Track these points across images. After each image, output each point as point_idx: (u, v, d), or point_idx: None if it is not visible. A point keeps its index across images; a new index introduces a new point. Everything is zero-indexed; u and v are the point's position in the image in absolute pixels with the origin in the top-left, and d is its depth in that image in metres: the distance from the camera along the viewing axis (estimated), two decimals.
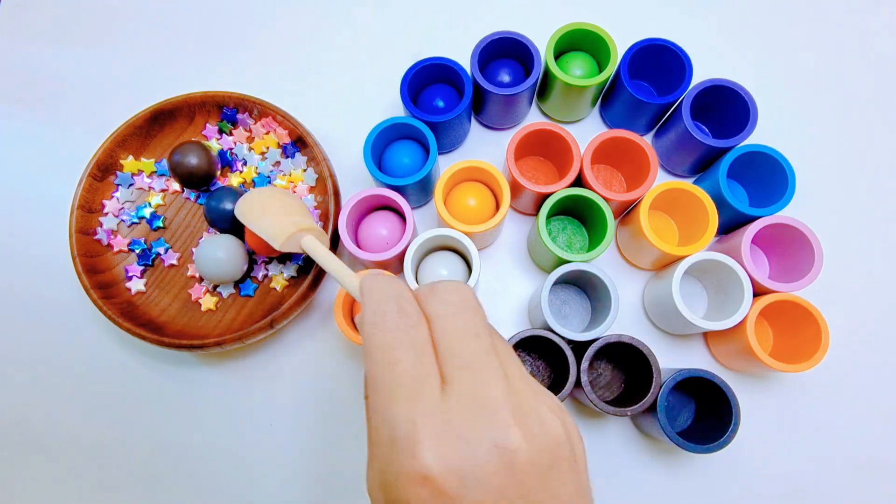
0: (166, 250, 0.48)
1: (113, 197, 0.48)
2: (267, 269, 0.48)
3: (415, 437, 0.21)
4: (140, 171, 0.49)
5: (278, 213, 0.41)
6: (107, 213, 0.48)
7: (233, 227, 0.46)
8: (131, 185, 0.49)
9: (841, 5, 0.57)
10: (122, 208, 0.49)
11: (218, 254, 0.45)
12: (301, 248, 0.39)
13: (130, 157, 0.49)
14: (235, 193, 0.46)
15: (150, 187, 0.49)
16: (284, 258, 0.48)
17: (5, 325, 0.52)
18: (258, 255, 0.48)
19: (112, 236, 0.48)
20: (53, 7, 0.59)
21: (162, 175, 0.50)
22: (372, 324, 0.25)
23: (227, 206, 0.46)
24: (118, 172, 0.48)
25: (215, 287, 0.48)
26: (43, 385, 0.51)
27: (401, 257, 0.45)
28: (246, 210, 0.41)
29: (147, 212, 0.49)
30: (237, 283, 0.48)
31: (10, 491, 0.50)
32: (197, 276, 0.48)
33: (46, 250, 0.52)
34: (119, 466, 0.49)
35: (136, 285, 0.47)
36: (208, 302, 0.47)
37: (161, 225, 0.48)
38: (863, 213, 0.52)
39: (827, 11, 0.57)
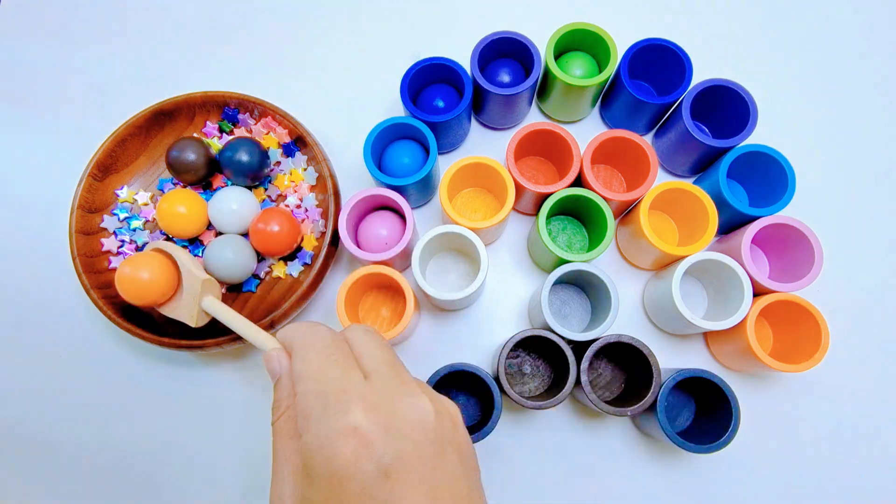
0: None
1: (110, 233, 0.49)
2: (271, 268, 0.48)
3: (346, 399, 0.27)
4: (135, 200, 0.49)
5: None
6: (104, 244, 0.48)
7: (250, 178, 0.47)
8: (129, 220, 0.49)
9: (841, 5, 0.57)
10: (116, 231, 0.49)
11: (226, 254, 0.45)
12: (203, 310, 0.42)
13: (125, 188, 0.49)
14: (251, 143, 0.47)
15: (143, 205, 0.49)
16: (288, 256, 0.48)
17: (5, 325, 0.52)
18: (265, 255, 0.48)
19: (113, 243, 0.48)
20: (53, 7, 0.59)
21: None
22: (307, 345, 0.30)
23: (243, 157, 0.46)
24: (112, 211, 0.49)
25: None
26: (43, 385, 0.51)
27: (402, 256, 0.45)
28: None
29: (138, 224, 0.49)
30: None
31: (11, 490, 0.50)
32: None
33: (46, 250, 0.52)
34: (118, 466, 0.49)
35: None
36: None
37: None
38: (863, 213, 0.52)
39: (827, 11, 0.57)
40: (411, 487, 0.26)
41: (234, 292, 0.48)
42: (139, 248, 0.48)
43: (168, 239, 0.48)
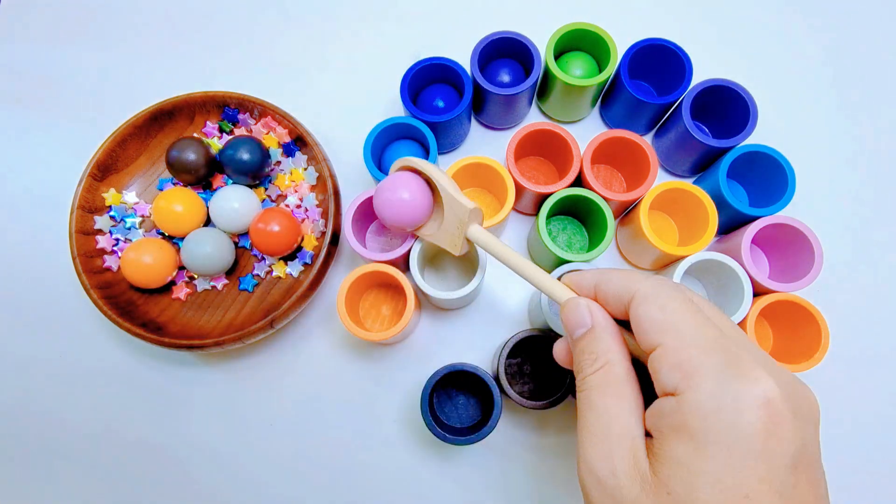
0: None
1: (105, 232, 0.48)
2: (271, 268, 0.48)
3: (750, 364, 0.23)
4: (122, 204, 0.49)
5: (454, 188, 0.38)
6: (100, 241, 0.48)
7: (251, 177, 0.47)
8: (123, 218, 0.49)
9: (841, 6, 0.57)
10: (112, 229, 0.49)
11: (205, 248, 0.45)
12: (468, 239, 0.37)
13: (112, 190, 0.48)
14: (252, 142, 0.47)
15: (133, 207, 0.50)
16: (288, 256, 0.48)
17: (5, 325, 0.52)
18: (265, 255, 0.48)
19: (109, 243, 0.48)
20: (53, 7, 0.59)
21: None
22: (662, 293, 0.26)
23: (244, 155, 0.46)
24: (108, 212, 0.48)
25: (191, 279, 0.48)
26: (43, 385, 0.51)
27: (406, 256, 0.45)
28: (432, 170, 0.38)
29: (133, 222, 0.49)
30: (238, 277, 0.48)
31: (11, 490, 0.50)
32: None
33: (46, 250, 0.52)
34: (118, 466, 0.49)
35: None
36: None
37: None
38: (863, 213, 0.52)
39: (827, 11, 0.57)
40: (812, 487, 0.23)
41: (227, 284, 0.48)
42: None
43: (164, 237, 0.48)
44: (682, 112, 0.46)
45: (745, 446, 0.22)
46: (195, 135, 0.50)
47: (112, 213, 0.48)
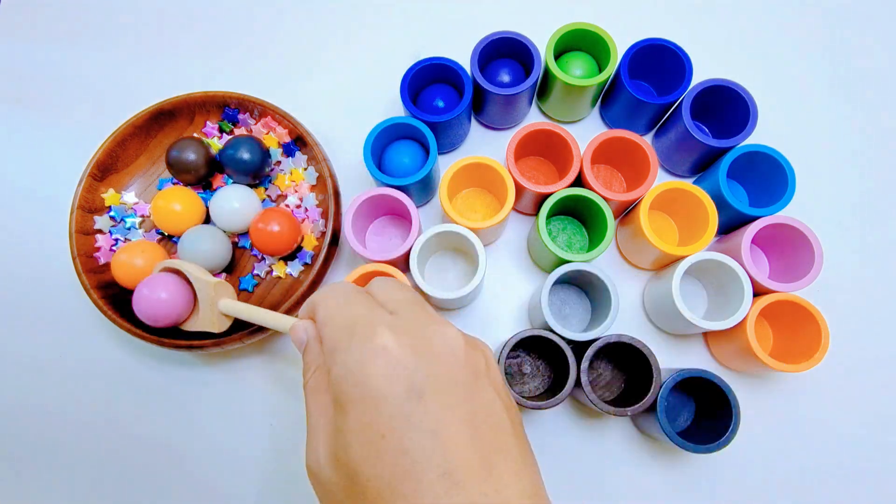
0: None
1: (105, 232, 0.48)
2: (271, 267, 0.48)
3: (373, 325, 0.26)
4: (121, 204, 0.49)
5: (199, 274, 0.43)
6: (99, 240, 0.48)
7: (251, 176, 0.47)
8: (123, 218, 0.49)
9: (841, 6, 0.57)
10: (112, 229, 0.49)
11: (202, 245, 0.45)
12: (222, 312, 0.42)
13: (111, 190, 0.48)
14: (253, 142, 0.47)
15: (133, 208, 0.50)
16: (288, 256, 0.48)
17: (5, 325, 0.52)
18: (264, 255, 0.48)
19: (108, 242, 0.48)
20: (53, 7, 0.59)
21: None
22: (327, 295, 0.30)
23: (245, 155, 0.46)
24: (108, 212, 0.49)
25: None
26: (43, 385, 0.51)
27: (406, 256, 0.45)
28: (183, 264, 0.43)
29: (133, 221, 0.49)
30: (238, 277, 0.48)
31: (10, 490, 0.50)
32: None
33: (46, 250, 0.52)
34: (118, 466, 0.49)
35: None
36: None
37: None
38: (863, 214, 0.52)
39: (827, 12, 0.57)
40: (447, 409, 0.24)
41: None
42: None
43: (163, 236, 0.48)
44: (682, 112, 0.46)
45: (372, 394, 0.24)
46: (195, 135, 0.50)
47: (112, 213, 0.48)
